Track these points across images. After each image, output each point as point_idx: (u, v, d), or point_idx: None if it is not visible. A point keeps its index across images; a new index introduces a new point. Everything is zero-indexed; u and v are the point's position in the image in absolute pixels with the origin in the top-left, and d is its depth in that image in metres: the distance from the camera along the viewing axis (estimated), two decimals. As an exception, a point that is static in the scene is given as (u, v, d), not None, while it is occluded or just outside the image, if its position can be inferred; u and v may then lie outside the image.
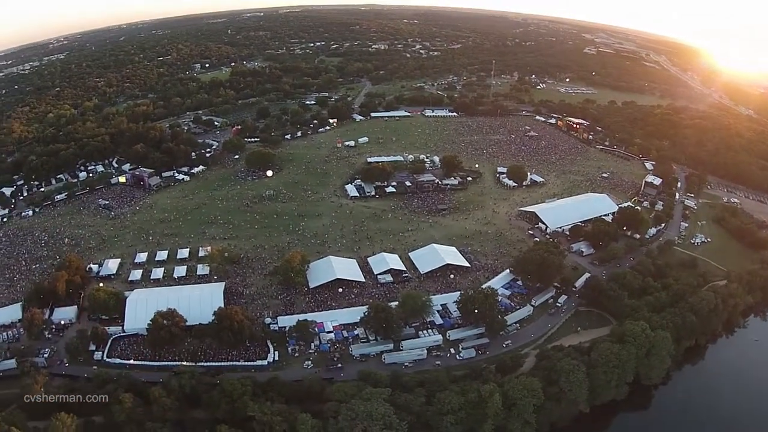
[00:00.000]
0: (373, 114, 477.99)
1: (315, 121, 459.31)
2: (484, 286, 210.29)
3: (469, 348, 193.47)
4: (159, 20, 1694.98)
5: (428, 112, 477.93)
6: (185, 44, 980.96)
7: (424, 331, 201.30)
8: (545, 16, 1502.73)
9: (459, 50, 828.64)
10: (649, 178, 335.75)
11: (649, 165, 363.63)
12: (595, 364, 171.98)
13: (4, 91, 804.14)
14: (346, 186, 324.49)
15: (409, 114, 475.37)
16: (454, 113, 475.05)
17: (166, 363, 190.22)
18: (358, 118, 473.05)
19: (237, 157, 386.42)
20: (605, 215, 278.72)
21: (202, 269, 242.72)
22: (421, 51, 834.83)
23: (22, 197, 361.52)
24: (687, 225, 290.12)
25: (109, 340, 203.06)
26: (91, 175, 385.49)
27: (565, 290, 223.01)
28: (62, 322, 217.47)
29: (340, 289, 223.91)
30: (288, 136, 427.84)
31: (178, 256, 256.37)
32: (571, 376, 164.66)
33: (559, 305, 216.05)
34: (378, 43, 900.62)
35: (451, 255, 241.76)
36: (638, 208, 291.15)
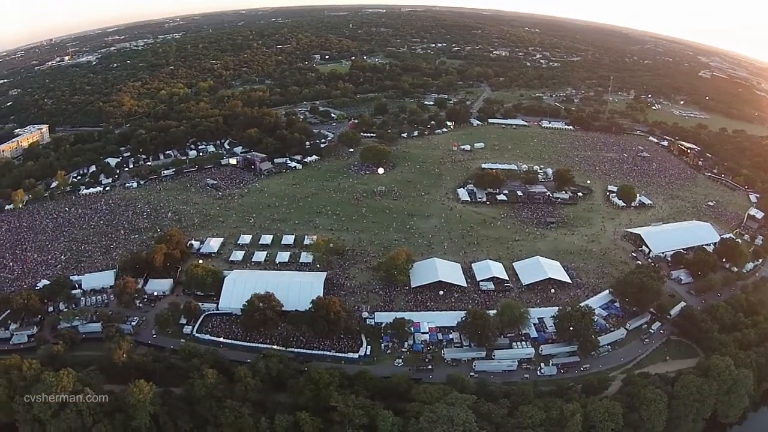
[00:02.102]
0: (490, 120, 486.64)
1: (432, 122, 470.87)
2: (582, 304, 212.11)
3: (556, 364, 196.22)
4: (278, 8, 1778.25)
5: (545, 123, 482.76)
6: (305, 34, 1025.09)
7: (518, 343, 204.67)
8: (664, 36, 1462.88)
9: (578, 63, 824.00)
10: (752, 211, 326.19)
11: (753, 197, 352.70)
12: (678, 395, 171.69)
13: (115, 65, 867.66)
14: (458, 189, 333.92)
15: (526, 123, 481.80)
16: (570, 126, 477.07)
17: (256, 345, 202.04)
18: (476, 122, 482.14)
19: (351, 150, 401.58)
20: (707, 245, 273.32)
21: (306, 257, 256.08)
22: (541, 61, 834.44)
23: (127, 169, 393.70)
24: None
25: (201, 316, 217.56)
26: (201, 154, 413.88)
27: (659, 317, 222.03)
28: (155, 294, 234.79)
29: (441, 292, 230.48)
30: (404, 135, 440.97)
31: (282, 242, 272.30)
32: (653, 405, 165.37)
33: (652, 332, 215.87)
34: (499, 49, 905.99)
35: (554, 269, 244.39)
36: (739, 240, 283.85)
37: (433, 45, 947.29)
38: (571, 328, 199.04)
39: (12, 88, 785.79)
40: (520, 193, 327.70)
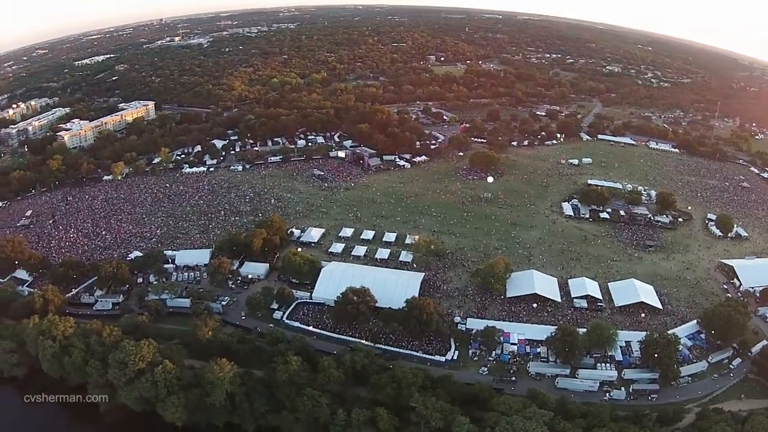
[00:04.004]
0: (600, 136, 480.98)
1: (543, 133, 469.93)
2: (669, 332, 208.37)
3: (636, 390, 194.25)
4: (395, 6, 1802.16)
5: (652, 144, 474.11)
6: (421, 34, 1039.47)
7: (602, 364, 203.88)
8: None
9: (688, 85, 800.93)
10: None
11: None
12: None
13: (227, 50, 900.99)
14: (563, 203, 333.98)
15: (633, 142, 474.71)
16: (677, 150, 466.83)
17: (344, 337, 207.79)
18: (585, 137, 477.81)
19: (461, 154, 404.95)
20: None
21: (405, 256, 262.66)
22: (652, 80, 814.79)
23: (233, 152, 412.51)
24: None
25: (293, 304, 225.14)
26: (309, 144, 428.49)
27: (740, 353, 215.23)
28: (249, 276, 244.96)
29: (535, 305, 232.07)
30: (514, 143, 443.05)
31: (384, 239, 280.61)
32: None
33: (732, 367, 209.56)
34: (612, 65, 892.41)
35: (647, 293, 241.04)
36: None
37: (548, 55, 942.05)
38: (656, 355, 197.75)
39: (118, 64, 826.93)
40: (622, 212, 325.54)
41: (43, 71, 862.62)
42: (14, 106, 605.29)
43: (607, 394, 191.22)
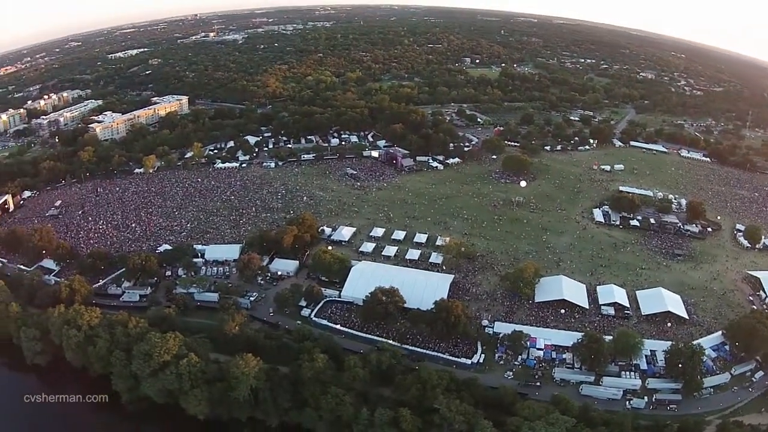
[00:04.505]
0: (632, 143, 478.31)
1: (576, 138, 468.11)
2: (694, 343, 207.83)
3: (659, 399, 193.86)
4: (431, 8, 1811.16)
5: (683, 152, 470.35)
6: (457, 36, 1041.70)
7: (626, 373, 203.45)
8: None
9: (720, 94, 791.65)
10: None
11: None
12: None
13: (262, 47, 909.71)
14: (594, 209, 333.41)
15: (665, 150, 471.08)
16: (708, 159, 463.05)
17: (371, 336, 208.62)
18: (618, 143, 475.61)
19: (495, 157, 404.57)
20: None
21: (436, 257, 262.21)
22: (685, 87, 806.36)
23: (266, 149, 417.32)
24: None
25: (322, 301, 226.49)
26: (343, 143, 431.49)
27: (764, 366, 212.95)
28: (279, 273, 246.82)
29: (563, 310, 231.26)
30: (547, 148, 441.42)
31: (414, 240, 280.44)
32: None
33: (755, 380, 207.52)
34: (645, 71, 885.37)
35: (674, 303, 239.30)
36: None
37: (582, 60, 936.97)
38: (680, 365, 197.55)
39: (152, 58, 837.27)
40: (652, 220, 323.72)
41: (75, 63, 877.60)
42: (46, 97, 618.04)
43: (628, 402, 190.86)
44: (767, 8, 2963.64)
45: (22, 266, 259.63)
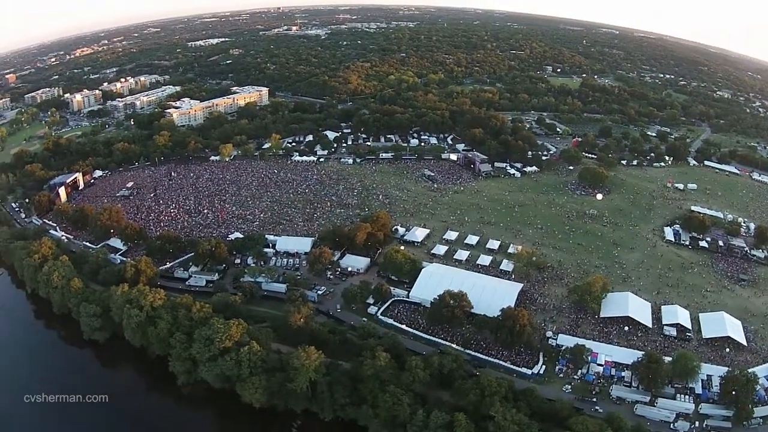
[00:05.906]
0: (706, 162, 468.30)
1: (652, 154, 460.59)
2: (749, 370, 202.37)
3: (717, 427, 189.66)
4: (513, 14, 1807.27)
5: (755, 175, 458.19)
6: (539, 44, 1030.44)
7: (681, 396, 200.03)
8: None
9: None
10: None
11: None
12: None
13: (345, 43, 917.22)
14: (665, 227, 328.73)
15: (738, 172, 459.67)
16: None
17: (436, 339, 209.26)
18: (692, 162, 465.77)
19: (571, 168, 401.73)
20: None
21: (506, 265, 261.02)
22: (760, 109, 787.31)
23: (345, 145, 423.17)
24: None
25: (389, 300, 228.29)
26: (422, 144, 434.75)
27: None
28: (349, 269, 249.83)
29: (626, 327, 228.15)
30: (623, 162, 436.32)
31: (487, 246, 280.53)
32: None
33: None
34: (722, 90, 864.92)
35: (734, 328, 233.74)
36: None
37: (662, 75, 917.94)
38: (734, 393, 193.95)
39: (233, 48, 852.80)
40: (721, 243, 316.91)
41: (154, 49, 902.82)
42: (122, 80, 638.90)
43: (674, 424, 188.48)
44: None
45: (88, 243, 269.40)
